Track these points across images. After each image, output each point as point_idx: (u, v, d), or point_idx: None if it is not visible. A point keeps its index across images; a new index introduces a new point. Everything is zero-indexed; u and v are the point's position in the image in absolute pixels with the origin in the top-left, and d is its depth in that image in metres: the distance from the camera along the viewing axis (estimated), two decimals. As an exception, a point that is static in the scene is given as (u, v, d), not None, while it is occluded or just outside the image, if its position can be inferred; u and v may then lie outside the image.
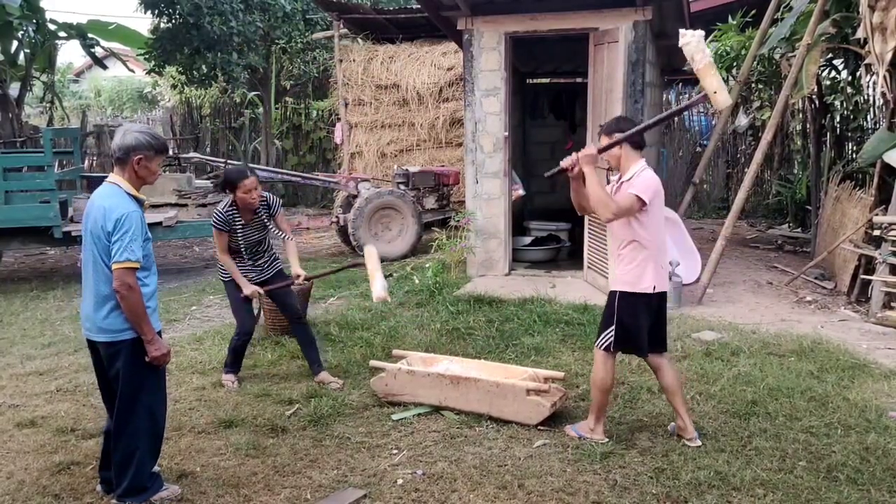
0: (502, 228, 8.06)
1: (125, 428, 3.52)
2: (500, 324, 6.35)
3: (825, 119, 9.69)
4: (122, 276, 3.32)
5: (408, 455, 4.11)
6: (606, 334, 4.12)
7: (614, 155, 4.16)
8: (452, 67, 11.65)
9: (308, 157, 16.01)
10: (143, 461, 3.55)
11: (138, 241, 3.35)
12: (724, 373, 5.16)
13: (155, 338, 3.44)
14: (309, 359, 5.34)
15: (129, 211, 3.36)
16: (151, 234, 3.59)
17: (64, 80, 23.03)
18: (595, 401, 4.22)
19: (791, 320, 6.55)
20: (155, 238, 9.12)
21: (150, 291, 3.50)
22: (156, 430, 3.63)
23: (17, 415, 4.81)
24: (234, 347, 5.29)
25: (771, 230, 11.49)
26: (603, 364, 4.14)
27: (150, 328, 3.42)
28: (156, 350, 3.43)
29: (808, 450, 4.05)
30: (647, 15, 7.16)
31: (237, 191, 5.01)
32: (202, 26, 12.28)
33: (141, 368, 3.47)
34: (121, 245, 3.31)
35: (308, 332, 5.42)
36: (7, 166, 8.34)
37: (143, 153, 3.44)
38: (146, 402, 3.54)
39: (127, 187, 3.45)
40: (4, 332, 6.83)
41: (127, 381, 3.49)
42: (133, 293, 3.34)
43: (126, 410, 3.51)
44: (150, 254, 3.52)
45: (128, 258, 3.31)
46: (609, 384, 4.18)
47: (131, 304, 3.34)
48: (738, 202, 7.65)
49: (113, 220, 3.32)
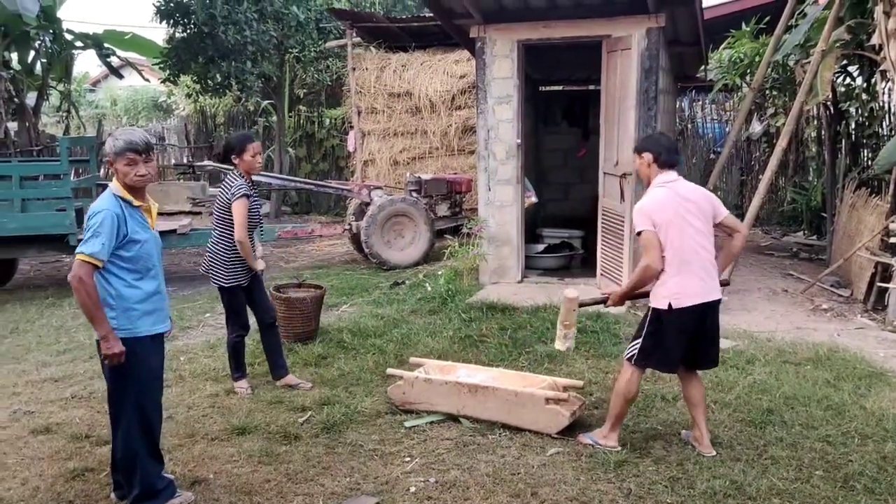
0: (515, 236, 8.05)
1: (118, 430, 3.56)
2: (513, 331, 6.34)
3: (840, 126, 9.63)
4: (76, 268, 3.34)
5: (420, 463, 4.10)
6: (633, 346, 4.12)
7: (643, 172, 4.19)
8: (465, 75, 11.66)
9: (321, 165, 16.07)
10: (145, 465, 3.55)
11: (101, 238, 3.35)
12: (740, 381, 5.13)
13: (108, 335, 3.38)
14: (274, 363, 5.38)
15: (104, 208, 3.42)
16: (165, 242, 3.64)
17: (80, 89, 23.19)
18: (613, 408, 4.19)
19: (807, 328, 6.50)
20: (169, 245, 9.22)
21: (140, 294, 3.50)
22: (148, 427, 3.59)
23: (33, 421, 4.84)
24: (232, 348, 5.31)
25: (786, 237, 11.42)
26: (627, 374, 4.12)
27: (103, 325, 3.37)
28: (107, 348, 3.38)
29: (825, 459, 4.01)
30: (661, 22, 7.14)
31: (245, 154, 5.00)
32: (217, 36, 12.36)
33: (122, 367, 3.45)
34: (84, 238, 3.38)
35: (277, 335, 5.44)
36: (24, 175, 8.41)
37: (109, 157, 3.53)
38: (132, 405, 3.53)
39: (117, 190, 3.51)
40: (20, 339, 6.88)
41: (110, 379, 3.54)
42: (83, 285, 3.32)
43: (116, 411, 3.56)
44: (140, 256, 3.51)
45: (83, 251, 3.33)
46: (632, 394, 4.15)
47: (81, 296, 3.34)
48: (753, 209, 7.61)
49: (88, 215, 3.44)
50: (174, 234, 8.80)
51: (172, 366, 5.85)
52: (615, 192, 7.42)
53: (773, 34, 8.60)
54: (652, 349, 4.04)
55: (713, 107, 14.29)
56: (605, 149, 7.69)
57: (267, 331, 5.39)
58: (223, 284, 5.21)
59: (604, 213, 7.74)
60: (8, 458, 4.31)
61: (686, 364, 4.15)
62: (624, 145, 7.26)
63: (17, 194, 8.12)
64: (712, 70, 11.22)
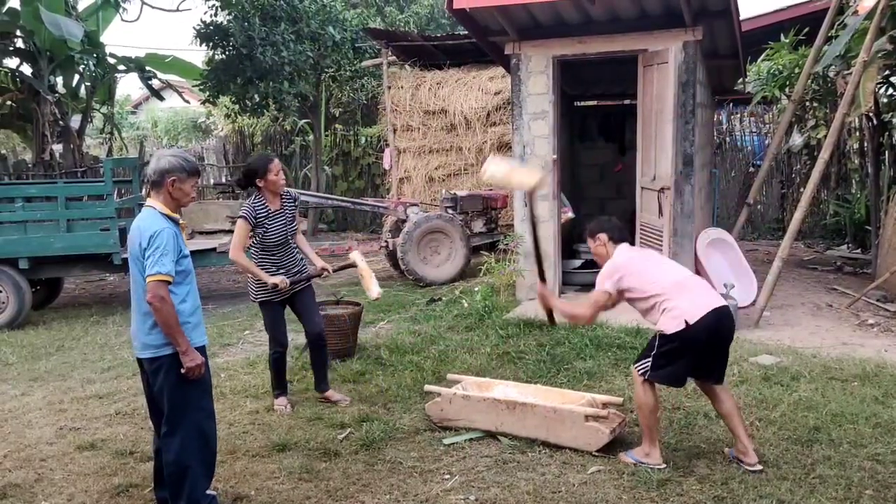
0: (551, 251, 8.01)
1: (173, 445, 3.57)
2: (551, 348, 6.30)
3: (883, 137, 9.44)
4: (155, 289, 3.43)
5: (460, 480, 4.08)
6: (644, 362, 4.14)
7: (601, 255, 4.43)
8: (500, 92, 11.70)
9: (357, 183, 16.19)
10: (195, 480, 3.57)
11: (169, 256, 3.46)
12: (784, 398, 5.02)
13: (189, 349, 3.51)
14: (319, 377, 5.41)
15: (162, 228, 3.49)
16: (205, 260, 3.70)
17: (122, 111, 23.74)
18: (642, 422, 4.16)
19: (853, 344, 6.35)
20: (209, 264, 9.36)
21: (190, 307, 3.61)
22: (206, 447, 3.66)
23: (78, 437, 4.92)
24: (273, 364, 5.34)
25: (829, 251, 11.19)
26: (641, 386, 4.13)
27: (184, 339, 3.49)
28: (190, 361, 3.50)
29: (875, 478, 3.90)
30: (698, 35, 7.09)
31: (268, 174, 5.03)
32: (255, 57, 12.58)
33: (184, 383, 3.54)
34: (153, 259, 3.44)
35: (324, 354, 5.43)
36: (69, 195, 8.61)
37: (176, 175, 3.58)
38: (192, 418, 3.59)
39: (162, 209, 3.58)
40: (66, 357, 7.01)
41: (171, 397, 3.57)
42: (165, 304, 3.44)
43: (173, 427, 3.57)
44: (188, 270, 3.63)
45: (159, 271, 3.43)
46: (652, 404, 4.12)
47: (164, 315, 3.44)
48: (795, 222, 7.47)
49: (147, 237, 3.47)
50: (214, 252, 8.91)
51: (213, 382, 5.91)
52: (653, 207, 7.36)
53: (813, 45, 8.49)
54: (662, 365, 4.07)
55: (752, 119, 14.11)
56: (643, 163, 7.63)
57: (312, 345, 5.41)
58: (253, 299, 5.32)
59: (642, 227, 7.67)
60: (55, 473, 4.39)
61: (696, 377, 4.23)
62: (661, 160, 7.20)
63: (62, 215, 8.30)
64: (751, 82, 11.09)
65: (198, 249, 8.71)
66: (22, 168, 13.46)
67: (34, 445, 4.82)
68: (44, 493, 4.14)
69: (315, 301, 5.46)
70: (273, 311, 5.28)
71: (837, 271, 9.69)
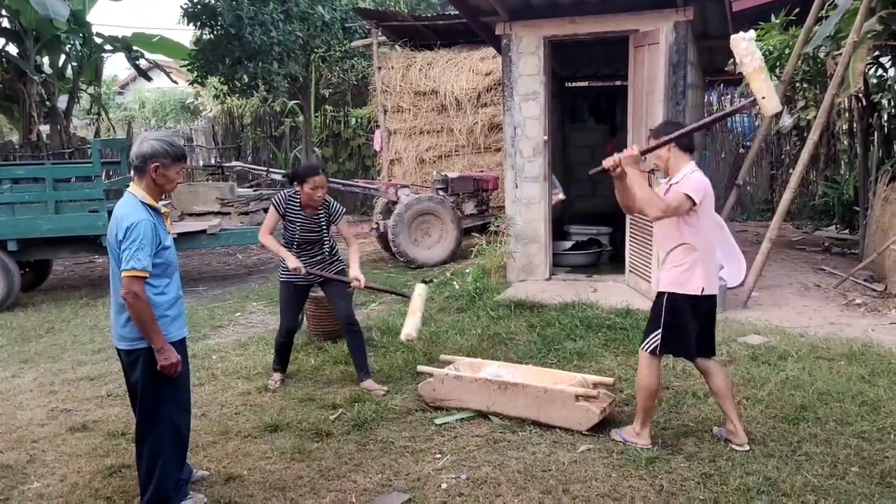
0: (542, 233, 8.03)
1: (147, 437, 3.52)
2: (542, 329, 6.33)
3: (872, 118, 9.48)
4: (129, 284, 3.30)
5: (451, 459, 4.12)
6: (653, 337, 4.07)
7: (663, 157, 4.15)
8: (491, 72, 11.66)
9: (347, 165, 16.15)
10: (166, 470, 3.53)
11: (146, 250, 3.33)
12: (772, 377, 5.07)
13: (164, 346, 3.38)
14: (357, 364, 5.38)
15: (140, 220, 3.34)
16: (195, 242, 3.63)
17: (110, 92, 23.55)
18: (640, 405, 4.18)
19: (840, 323, 6.42)
20: (199, 246, 9.33)
21: (168, 300, 3.49)
22: (179, 439, 3.61)
23: (70, 419, 4.93)
24: (276, 346, 5.48)
25: (818, 232, 11.27)
26: (648, 367, 4.10)
27: (159, 337, 3.37)
28: (164, 359, 3.38)
29: (861, 455, 3.96)
30: (689, 15, 7.08)
31: (305, 184, 5.15)
32: (243, 37, 12.47)
33: (159, 378, 3.44)
34: (129, 253, 3.30)
35: (359, 338, 5.41)
36: (57, 177, 8.55)
37: (159, 161, 3.42)
38: (166, 411, 3.52)
39: (142, 196, 3.44)
40: (56, 339, 7.00)
41: (146, 390, 3.48)
42: (139, 301, 3.31)
43: (147, 419, 3.51)
44: (168, 262, 3.49)
45: (134, 266, 3.29)
46: (654, 387, 4.13)
47: (138, 311, 3.32)
48: (784, 203, 7.51)
49: (123, 228, 3.33)
50: (204, 234, 8.88)
51: (205, 364, 5.93)
52: (643, 188, 7.36)
53: (804, 26, 8.49)
54: (673, 337, 4.04)
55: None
56: (633, 144, 7.61)
57: (344, 330, 5.47)
58: (280, 276, 5.47)
59: (632, 209, 7.68)
60: (46, 455, 4.40)
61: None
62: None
63: (50, 196, 8.24)
64: (741, 63, 11.07)
65: (187, 231, 8.69)
66: (9, 149, 13.37)
67: (26, 427, 4.82)
68: (36, 473, 4.15)
69: (345, 291, 5.44)
70: (287, 293, 5.40)
71: (825, 252, 9.76)
